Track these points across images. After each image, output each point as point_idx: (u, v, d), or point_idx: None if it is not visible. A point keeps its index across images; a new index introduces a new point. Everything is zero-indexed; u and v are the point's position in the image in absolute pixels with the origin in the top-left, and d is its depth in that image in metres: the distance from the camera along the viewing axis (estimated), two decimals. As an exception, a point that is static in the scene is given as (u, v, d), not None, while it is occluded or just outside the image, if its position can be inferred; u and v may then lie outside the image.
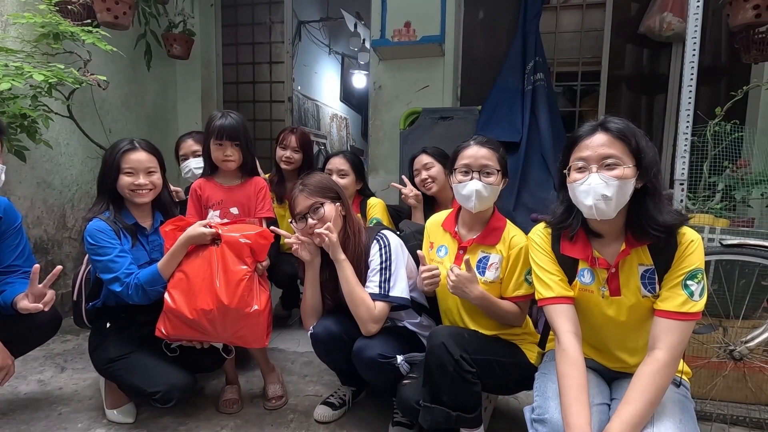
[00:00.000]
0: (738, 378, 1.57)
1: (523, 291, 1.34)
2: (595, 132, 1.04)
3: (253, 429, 1.54)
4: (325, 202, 1.46)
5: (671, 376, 1.00)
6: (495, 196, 1.39)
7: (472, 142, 1.40)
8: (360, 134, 7.51)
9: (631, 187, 1.01)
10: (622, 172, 1.00)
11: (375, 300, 1.39)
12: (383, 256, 1.43)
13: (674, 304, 1.02)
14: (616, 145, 1.01)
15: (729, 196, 1.76)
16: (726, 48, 2.89)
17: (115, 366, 1.49)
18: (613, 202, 1.01)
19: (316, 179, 1.52)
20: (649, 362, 1.00)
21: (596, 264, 1.11)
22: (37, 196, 2.48)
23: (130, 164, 1.52)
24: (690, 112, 1.59)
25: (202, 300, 1.42)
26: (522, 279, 1.34)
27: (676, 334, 1.00)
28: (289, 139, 2.22)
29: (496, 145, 1.41)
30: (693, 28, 1.58)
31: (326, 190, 1.49)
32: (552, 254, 1.17)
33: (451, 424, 1.27)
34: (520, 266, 1.34)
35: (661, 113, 3.05)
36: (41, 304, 1.32)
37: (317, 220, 1.44)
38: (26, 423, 1.55)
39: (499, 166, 1.38)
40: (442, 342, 1.22)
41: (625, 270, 1.09)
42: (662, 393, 0.98)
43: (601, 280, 1.11)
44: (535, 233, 1.22)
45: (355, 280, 1.41)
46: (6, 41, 2.17)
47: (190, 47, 3.31)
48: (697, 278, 1.02)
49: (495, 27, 3.20)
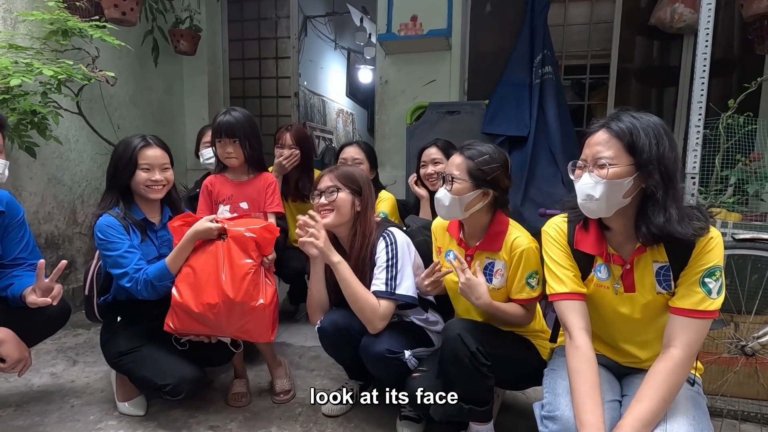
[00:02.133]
0: (749, 374, 1.55)
1: (525, 295, 1.31)
2: (598, 130, 1.03)
3: (261, 422, 1.55)
4: (342, 189, 1.46)
5: (686, 374, 0.99)
6: (458, 206, 1.29)
7: (458, 151, 1.35)
8: (366, 129, 7.50)
9: (626, 186, 0.98)
10: (608, 171, 0.98)
11: (381, 298, 1.38)
12: (389, 254, 1.42)
13: (691, 301, 1.00)
14: (612, 144, 0.99)
15: (741, 190, 1.74)
16: (739, 39, 2.83)
17: (125, 359, 1.51)
18: (602, 202, 1.00)
19: (348, 168, 1.53)
20: (664, 359, 0.99)
21: (611, 260, 1.09)
22: (47, 192, 2.51)
23: (147, 160, 1.54)
24: (702, 104, 1.56)
25: (208, 294, 1.43)
26: (523, 283, 1.30)
27: (692, 332, 0.99)
28: (285, 137, 2.17)
29: (476, 154, 1.31)
30: (706, 18, 1.55)
31: (350, 180, 1.48)
32: (568, 248, 1.15)
33: (463, 417, 1.28)
34: (521, 270, 1.29)
35: (672, 106, 3.01)
36: (49, 298, 1.34)
37: (328, 202, 1.45)
38: (40, 415, 1.58)
39: (468, 177, 1.28)
40: (458, 334, 1.22)
41: (639, 267, 1.07)
42: (677, 391, 0.97)
43: (616, 277, 1.10)
44: (551, 226, 1.19)
45: (355, 281, 1.39)
46: (16, 38, 2.19)
47: (196, 43, 3.31)
48: (716, 276, 0.99)
49: (502, 20, 3.17)
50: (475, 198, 1.30)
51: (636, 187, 1.00)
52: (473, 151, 1.32)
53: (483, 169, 1.29)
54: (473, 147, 1.33)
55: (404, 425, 1.48)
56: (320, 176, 1.52)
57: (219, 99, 3.76)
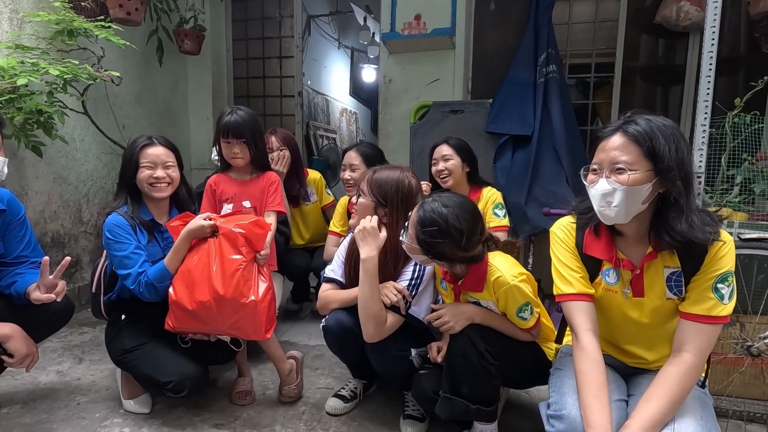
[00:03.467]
0: (755, 374, 1.54)
1: (522, 327, 1.30)
2: (614, 134, 0.99)
3: (265, 420, 1.56)
4: (365, 195, 1.41)
5: (697, 378, 0.99)
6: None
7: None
8: (370, 128, 7.50)
9: (645, 192, 0.96)
10: (628, 177, 0.95)
11: (390, 312, 1.35)
12: (415, 273, 1.40)
13: (704, 307, 0.99)
14: (630, 149, 0.96)
15: (747, 190, 1.72)
16: (745, 37, 2.81)
17: (129, 356, 1.52)
18: (621, 209, 0.97)
19: (385, 174, 1.44)
20: (675, 363, 0.98)
21: (620, 265, 1.08)
22: (53, 191, 2.53)
23: (148, 158, 1.55)
24: (708, 103, 1.55)
25: (200, 291, 1.44)
26: (516, 318, 1.28)
27: (704, 337, 0.98)
28: (271, 140, 2.16)
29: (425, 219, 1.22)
30: (712, 16, 1.54)
31: (382, 191, 1.41)
32: (575, 250, 1.13)
33: (469, 416, 1.28)
34: (509, 307, 1.26)
35: (677, 105, 2.98)
36: (54, 294, 1.35)
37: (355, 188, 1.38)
38: (47, 412, 1.59)
39: (421, 252, 1.24)
40: (467, 334, 1.22)
41: (650, 272, 1.06)
42: (686, 395, 0.97)
43: (625, 281, 1.08)
44: (559, 228, 1.18)
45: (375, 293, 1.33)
46: (22, 39, 2.21)
47: (200, 43, 3.32)
48: (728, 281, 0.98)
49: (506, 19, 3.16)
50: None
51: (654, 192, 0.97)
52: (424, 216, 1.21)
53: (428, 241, 1.20)
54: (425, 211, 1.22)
55: (408, 424, 1.48)
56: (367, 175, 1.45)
57: (223, 98, 3.77)
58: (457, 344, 1.23)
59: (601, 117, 3.19)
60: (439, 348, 1.36)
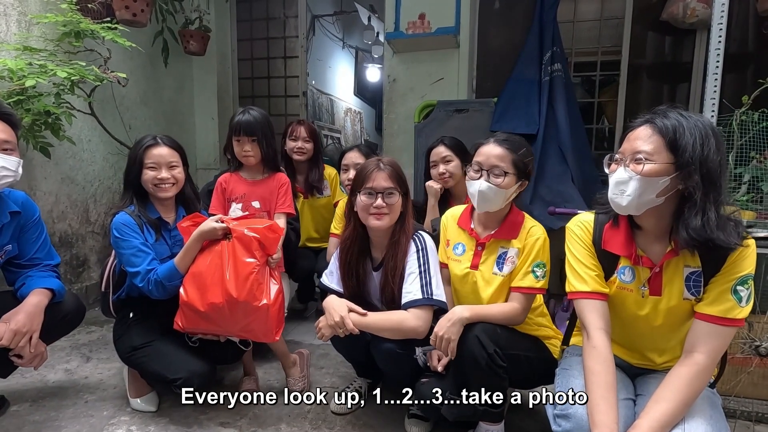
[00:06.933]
0: (764, 375, 1.53)
1: (527, 283, 1.31)
2: (642, 125, 0.99)
3: (271, 419, 1.57)
4: (397, 192, 1.41)
5: (708, 380, 0.98)
6: (503, 199, 1.32)
7: (491, 140, 1.35)
8: (374, 128, 7.51)
9: (660, 185, 0.95)
10: (644, 168, 0.94)
11: (421, 306, 1.34)
12: (420, 260, 1.40)
13: (721, 309, 0.97)
14: (653, 140, 0.95)
15: (755, 188, 1.71)
16: (753, 34, 2.78)
17: (138, 354, 1.53)
18: (633, 199, 0.96)
19: (395, 164, 1.45)
20: (687, 364, 0.97)
21: (639, 262, 1.06)
22: (61, 192, 2.55)
23: (153, 159, 1.56)
24: (715, 100, 1.53)
25: (213, 293, 1.45)
26: (529, 270, 1.32)
27: (719, 339, 0.97)
28: (299, 130, 2.32)
29: (515, 145, 1.33)
30: (719, 13, 1.53)
31: (402, 182, 1.44)
32: (592, 248, 1.12)
33: (477, 417, 1.27)
34: (532, 258, 1.32)
35: (684, 103, 2.95)
36: (32, 364, 1.40)
37: (386, 205, 1.38)
38: (55, 410, 1.61)
39: (513, 168, 1.31)
40: (476, 335, 1.22)
41: (669, 271, 1.04)
42: (696, 396, 0.96)
43: (642, 279, 1.07)
44: (576, 224, 1.16)
45: (384, 320, 1.36)
46: (30, 40, 2.23)
47: (206, 43, 3.34)
48: (748, 284, 0.97)
49: (511, 17, 3.14)
50: (515, 189, 1.34)
51: (673, 187, 0.96)
52: (512, 143, 1.33)
53: (525, 161, 1.32)
54: (509, 138, 1.35)
55: (413, 423, 1.48)
56: (367, 172, 1.41)
57: (228, 98, 3.79)
58: (466, 346, 1.23)
59: (606, 115, 3.17)
60: (439, 356, 1.36)
